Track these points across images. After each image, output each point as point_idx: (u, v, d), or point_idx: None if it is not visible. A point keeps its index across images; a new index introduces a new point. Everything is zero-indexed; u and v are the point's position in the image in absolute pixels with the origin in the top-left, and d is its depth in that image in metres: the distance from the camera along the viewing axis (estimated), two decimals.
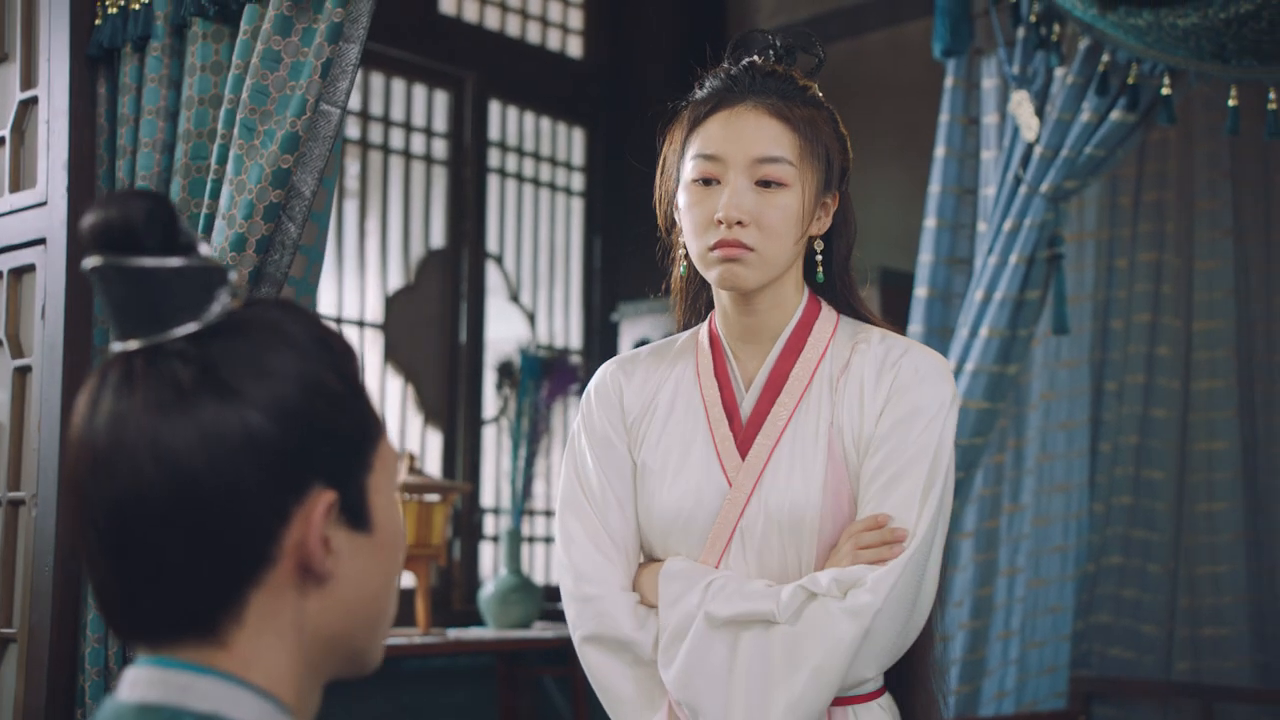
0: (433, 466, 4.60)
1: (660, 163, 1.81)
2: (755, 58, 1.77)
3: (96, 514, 0.92)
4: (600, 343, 5.10)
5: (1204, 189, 3.90)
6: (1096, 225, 3.82)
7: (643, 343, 4.73)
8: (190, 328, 0.92)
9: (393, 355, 4.55)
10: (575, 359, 5.02)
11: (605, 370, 1.83)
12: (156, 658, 0.93)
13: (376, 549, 0.98)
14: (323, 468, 0.93)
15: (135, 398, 0.90)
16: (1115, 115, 3.06)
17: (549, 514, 4.95)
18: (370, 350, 4.51)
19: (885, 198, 4.56)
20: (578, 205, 5.19)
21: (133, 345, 0.92)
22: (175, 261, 0.91)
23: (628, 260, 5.07)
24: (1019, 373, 3.33)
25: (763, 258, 1.68)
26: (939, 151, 3.40)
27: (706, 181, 1.70)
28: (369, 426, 0.98)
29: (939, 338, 3.37)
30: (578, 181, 5.19)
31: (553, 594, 4.84)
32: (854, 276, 1.81)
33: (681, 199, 1.74)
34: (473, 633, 4.25)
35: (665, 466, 1.74)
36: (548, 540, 4.97)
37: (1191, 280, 3.92)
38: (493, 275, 4.87)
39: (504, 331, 4.86)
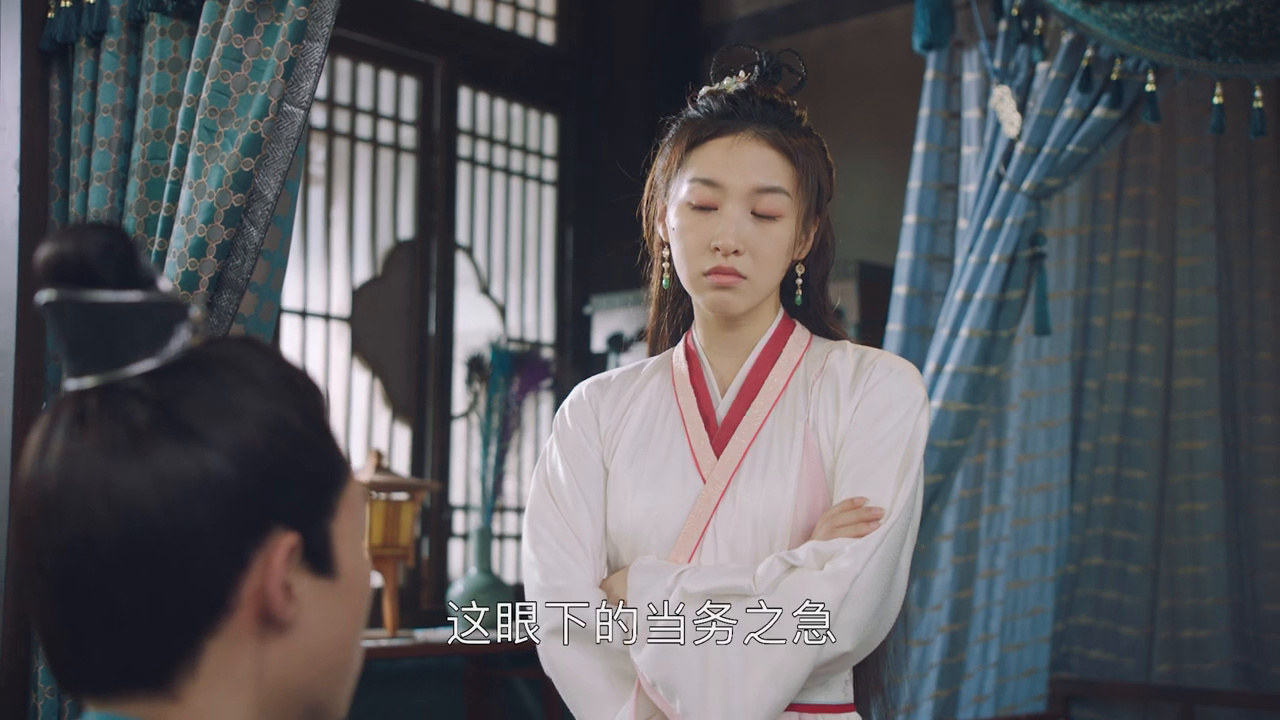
0: (400, 463, 4.58)
1: (650, 176, 1.86)
2: (742, 73, 1.83)
3: (44, 559, 0.90)
4: (572, 336, 5.07)
5: (1187, 184, 3.91)
6: (1078, 220, 3.83)
7: (616, 337, 4.74)
8: (148, 365, 0.90)
9: (359, 349, 4.52)
10: (547, 353, 5.00)
11: (580, 387, 1.90)
12: (105, 714, 0.90)
13: (341, 596, 0.96)
14: (284, 510, 0.91)
15: (88, 438, 0.88)
16: (1099, 112, 3.06)
17: (520, 511, 4.93)
18: (336, 344, 4.48)
19: (864, 189, 4.54)
20: (549, 195, 5.15)
21: (87, 383, 0.90)
22: (132, 296, 0.89)
23: (601, 252, 5.04)
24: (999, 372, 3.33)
25: (754, 285, 1.76)
26: (919, 146, 3.38)
27: (703, 206, 1.76)
28: (335, 468, 0.96)
29: (918, 337, 3.36)
30: (549, 170, 5.16)
31: (524, 594, 4.82)
32: (829, 299, 1.89)
33: (674, 219, 1.79)
34: (441, 634, 4.24)
35: (640, 469, 1.79)
36: (518, 538, 4.95)
37: (1174, 277, 3.93)
38: (462, 267, 4.83)
39: (474, 324, 4.83)
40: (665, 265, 1.84)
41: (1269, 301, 3.90)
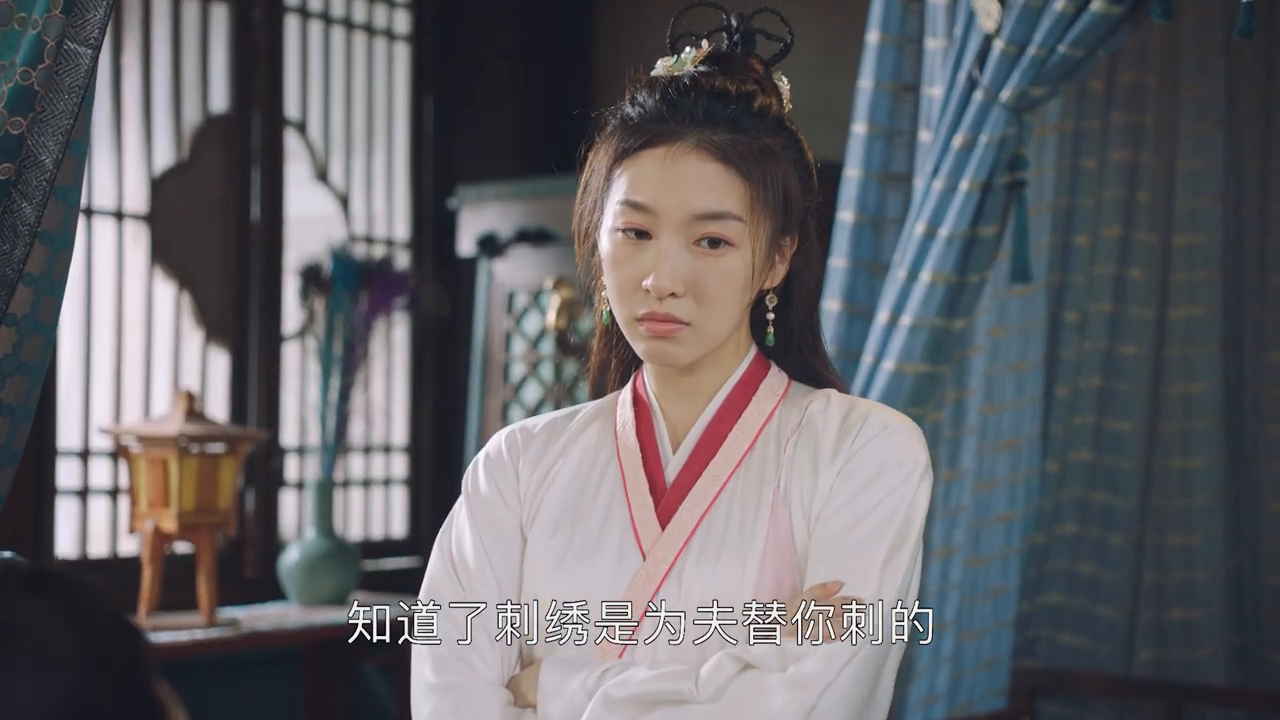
0: (217, 399, 4.46)
1: (581, 185, 1.78)
2: (705, 44, 1.75)
3: None
4: (433, 235, 4.97)
5: (1192, 69, 3.88)
6: (1060, 116, 3.78)
7: (488, 238, 4.66)
8: None
9: (162, 255, 4.38)
10: (402, 258, 4.89)
11: (499, 437, 1.86)
12: None
13: None
14: None
15: None
16: (1097, 5, 2.99)
17: (368, 451, 4.86)
18: (132, 249, 4.33)
19: (794, 70, 4.44)
20: (403, 54, 5.02)
21: None
22: None
23: (469, 128, 4.92)
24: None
25: (700, 333, 1.70)
26: (871, 37, 3.30)
27: (635, 233, 1.69)
28: None
29: (867, 274, 3.32)
30: (402, 22, 5.02)
31: (372, 551, 4.78)
32: (818, 330, 1.83)
33: (605, 245, 1.73)
34: (271, 611, 4.18)
35: (566, 540, 1.76)
36: (367, 485, 4.89)
37: (1173, 185, 3.92)
38: (293, 146, 4.70)
39: (308, 215, 4.71)
40: (604, 294, 1.77)
41: None
